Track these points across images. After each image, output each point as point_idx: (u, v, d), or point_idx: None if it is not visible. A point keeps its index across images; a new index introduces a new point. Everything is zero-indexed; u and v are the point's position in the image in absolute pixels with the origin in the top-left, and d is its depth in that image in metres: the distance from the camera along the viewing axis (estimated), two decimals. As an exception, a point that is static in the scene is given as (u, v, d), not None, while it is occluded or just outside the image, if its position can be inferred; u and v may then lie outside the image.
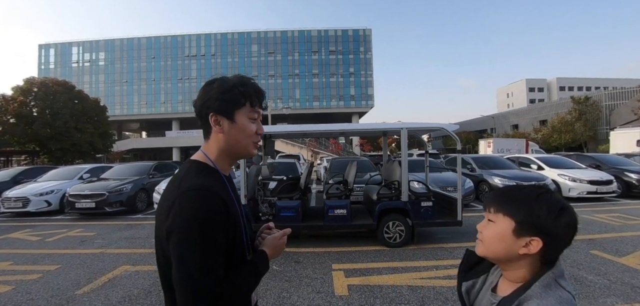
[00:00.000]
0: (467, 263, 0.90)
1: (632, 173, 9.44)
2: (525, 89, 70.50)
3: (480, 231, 0.79)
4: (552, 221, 0.69)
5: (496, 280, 0.82)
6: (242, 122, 0.91)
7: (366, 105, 58.36)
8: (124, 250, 5.12)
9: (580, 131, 33.40)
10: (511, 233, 0.72)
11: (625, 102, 33.88)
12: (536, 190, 0.74)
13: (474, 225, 3.95)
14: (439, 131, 5.64)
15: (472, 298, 0.86)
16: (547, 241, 0.69)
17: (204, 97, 0.89)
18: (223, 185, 0.89)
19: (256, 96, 0.93)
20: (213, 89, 0.88)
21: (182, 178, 0.85)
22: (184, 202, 0.77)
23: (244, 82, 0.91)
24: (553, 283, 0.69)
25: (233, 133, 0.90)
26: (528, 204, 0.72)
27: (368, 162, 10.88)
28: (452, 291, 3.31)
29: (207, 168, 0.90)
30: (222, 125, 0.89)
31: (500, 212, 0.75)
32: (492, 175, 9.06)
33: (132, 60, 55.83)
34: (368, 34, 58.26)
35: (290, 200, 5.16)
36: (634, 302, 3.02)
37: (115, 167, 11.08)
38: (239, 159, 1.01)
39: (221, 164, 0.93)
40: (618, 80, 61.29)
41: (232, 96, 0.88)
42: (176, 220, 0.76)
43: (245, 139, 0.93)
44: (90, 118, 29.07)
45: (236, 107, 0.89)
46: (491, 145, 21.28)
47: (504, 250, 0.73)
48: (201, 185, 0.80)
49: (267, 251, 0.98)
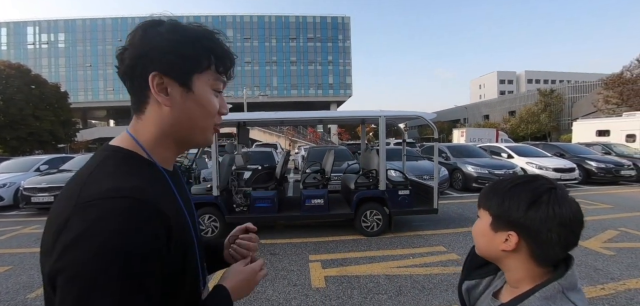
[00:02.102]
0: (472, 262, 0.82)
1: (592, 162, 10.05)
2: (497, 81, 73.50)
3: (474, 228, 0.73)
4: (523, 213, 0.61)
5: (500, 285, 0.74)
6: (203, 92, 0.60)
7: (344, 94, 58.49)
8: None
9: (545, 122, 35.32)
10: (489, 227, 0.66)
11: (586, 94, 36.14)
12: (516, 179, 0.66)
13: (449, 212, 3.99)
14: (416, 120, 5.64)
15: (472, 298, 0.78)
16: (523, 236, 0.61)
17: (144, 45, 0.56)
18: (164, 186, 0.58)
19: (226, 58, 0.63)
20: (160, 35, 0.56)
21: (86, 178, 0.51)
22: (86, 221, 0.45)
23: (209, 36, 0.60)
24: (559, 295, 0.59)
25: (187, 109, 0.59)
26: (501, 196, 0.65)
27: (346, 150, 10.85)
28: (428, 279, 3.32)
29: (136, 159, 0.58)
30: (171, 94, 0.57)
31: (482, 207, 0.70)
32: (466, 164, 9.31)
33: (96, 43, 52.05)
34: (347, 21, 58.01)
35: (265, 190, 4.98)
36: (597, 284, 3.15)
37: (78, 157, 10.32)
38: (189, 148, 0.68)
39: (160, 154, 0.61)
40: (581, 74, 65.28)
41: (193, 51, 0.58)
42: (70, 254, 0.44)
43: (205, 119, 0.62)
44: (49, 105, 26.90)
45: (196, 69, 0.58)
46: (464, 135, 21.97)
47: (485, 245, 0.69)
48: (122, 188, 0.49)
49: (229, 288, 0.65)
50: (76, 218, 0.46)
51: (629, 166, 9.96)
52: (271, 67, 57.31)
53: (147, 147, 0.59)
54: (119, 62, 0.58)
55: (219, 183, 4.67)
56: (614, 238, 4.49)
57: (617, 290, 3.00)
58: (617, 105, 24.64)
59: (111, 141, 0.61)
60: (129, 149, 0.58)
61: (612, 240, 4.44)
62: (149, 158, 0.59)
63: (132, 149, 0.58)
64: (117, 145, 0.58)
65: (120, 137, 0.60)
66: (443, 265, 3.68)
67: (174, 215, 0.54)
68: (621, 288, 3.04)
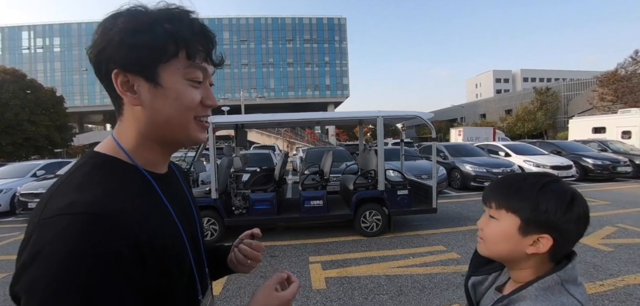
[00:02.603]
0: (478, 258, 0.81)
1: (589, 159, 10.11)
2: (492, 80, 73.85)
3: (481, 229, 0.70)
4: (562, 215, 0.59)
5: (505, 279, 0.74)
6: (172, 85, 0.52)
7: (341, 95, 58.58)
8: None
9: (541, 120, 35.51)
10: (516, 231, 0.63)
11: (581, 92, 36.38)
12: (541, 179, 0.65)
13: (448, 211, 3.98)
14: (414, 119, 5.65)
15: (478, 294, 0.79)
16: (557, 238, 0.60)
17: (102, 41, 0.50)
18: (144, 194, 0.53)
19: (199, 40, 0.53)
20: (116, 26, 0.49)
21: (55, 189, 0.48)
22: (41, 241, 0.41)
23: (171, 17, 0.51)
24: (557, 287, 0.60)
25: (159, 106, 0.52)
26: (534, 197, 0.62)
27: (344, 151, 10.85)
28: (428, 279, 3.32)
29: (114, 164, 0.52)
30: (139, 92, 0.51)
31: (503, 208, 0.65)
32: (464, 163, 9.33)
33: (92, 47, 51.97)
34: (343, 23, 58.12)
35: (264, 192, 4.97)
36: (596, 280, 3.17)
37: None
38: (176, 148, 0.61)
39: (145, 157, 0.56)
40: (575, 72, 65.67)
41: (151, 39, 0.49)
42: (28, 276, 0.40)
43: (181, 114, 0.54)
44: (45, 110, 26.74)
45: (159, 58, 0.50)
46: (461, 134, 22.04)
47: (508, 250, 0.65)
48: (79, 203, 0.43)
49: None
50: (35, 236, 0.42)
51: (625, 162, 10.03)
52: (268, 68, 57.30)
53: (130, 150, 0.54)
54: (90, 61, 0.53)
55: (218, 186, 4.65)
56: (612, 235, 4.51)
57: (616, 286, 3.02)
58: (612, 102, 24.83)
59: (97, 147, 0.56)
60: (109, 154, 0.53)
61: (610, 236, 4.46)
62: (133, 163, 0.54)
63: (113, 154, 0.53)
64: (97, 151, 0.54)
65: (104, 142, 0.56)
66: (443, 265, 3.68)
67: (149, 226, 0.48)
68: (620, 284, 3.05)
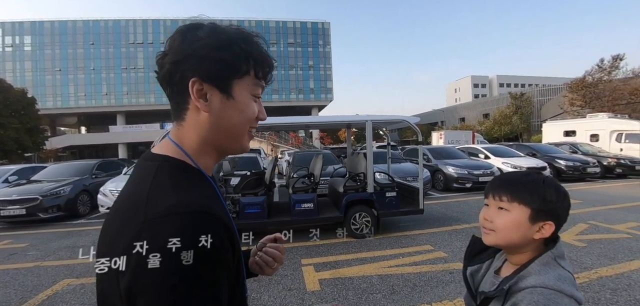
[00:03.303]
0: (472, 249, 0.93)
1: (561, 160, 10.72)
2: (471, 85, 76.60)
3: (490, 221, 0.79)
4: (561, 203, 0.75)
5: (500, 264, 0.85)
6: (242, 98, 0.59)
7: (325, 99, 58.81)
8: (64, 261, 4.53)
9: (516, 123, 37.12)
10: (527, 220, 0.74)
11: (553, 97, 38.31)
12: (539, 176, 0.78)
13: (433, 212, 4.16)
14: (400, 123, 5.82)
15: (477, 281, 0.89)
16: (556, 223, 0.74)
17: (183, 50, 0.54)
18: (216, 196, 0.58)
19: (265, 64, 0.61)
20: (199, 40, 0.55)
21: (149, 189, 0.51)
22: (162, 237, 0.45)
23: (248, 39, 0.58)
24: (552, 262, 0.73)
25: (227, 115, 0.58)
26: (541, 191, 0.75)
27: (331, 154, 10.96)
28: (418, 277, 3.44)
29: (187, 169, 0.57)
30: (210, 101, 0.56)
31: (516, 201, 0.76)
32: (446, 165, 9.65)
33: (66, 46, 49.38)
34: (327, 27, 58.50)
35: (255, 196, 4.97)
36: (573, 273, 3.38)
37: (50, 167, 9.80)
38: (227, 155, 0.67)
39: (204, 161, 0.61)
40: (547, 78, 69.22)
41: (231, 56, 0.56)
42: (148, 274, 0.43)
43: (243, 125, 0.61)
44: (15, 112, 25.33)
45: (236, 74, 0.57)
46: (443, 137, 22.75)
47: (520, 236, 0.75)
48: (189, 203, 0.49)
49: None
50: (148, 234, 0.45)
51: (594, 164, 10.69)
52: (252, 71, 56.73)
53: (192, 154, 0.59)
54: (158, 67, 0.57)
55: (208, 190, 4.61)
56: (585, 231, 4.82)
57: (590, 279, 3.25)
58: (581, 106, 26.30)
59: (153, 149, 0.60)
60: (177, 158, 0.57)
61: (583, 232, 4.77)
62: (197, 167, 0.59)
63: (179, 158, 0.57)
64: (165, 154, 0.57)
65: (163, 145, 0.60)
66: (431, 263, 3.82)
67: (230, 223, 0.54)
68: (594, 277, 3.29)
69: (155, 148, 0.60)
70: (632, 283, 3.12)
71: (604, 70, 26.00)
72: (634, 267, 3.48)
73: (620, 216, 5.65)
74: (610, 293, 2.95)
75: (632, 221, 5.28)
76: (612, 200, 7.10)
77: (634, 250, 4.00)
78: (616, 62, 25.48)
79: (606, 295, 2.92)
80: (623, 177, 11.00)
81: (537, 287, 0.68)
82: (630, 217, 5.57)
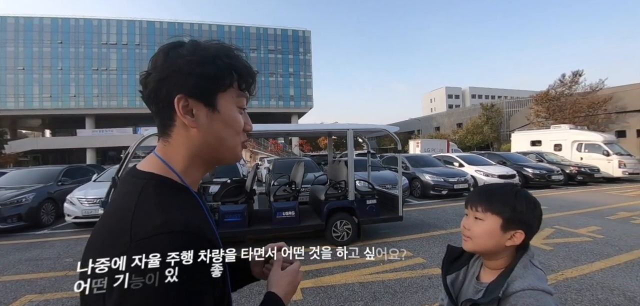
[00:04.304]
0: (449, 258, 0.98)
1: (529, 169, 11.38)
2: (445, 96, 79.66)
3: (468, 229, 0.86)
4: (531, 214, 0.82)
5: (478, 269, 0.91)
6: (228, 111, 0.61)
7: (305, 106, 58.98)
8: (26, 275, 4.21)
9: (487, 133, 38.93)
10: (499, 228, 0.81)
11: (520, 109, 40.58)
12: (512, 188, 0.85)
13: (412, 219, 4.29)
14: (380, 132, 5.96)
15: (456, 288, 0.94)
16: (527, 232, 0.81)
17: (166, 68, 0.56)
18: (200, 212, 0.59)
19: (247, 75, 0.63)
20: (182, 56, 0.56)
21: (134, 208, 0.51)
22: (147, 257, 0.47)
23: (229, 53, 0.60)
24: (529, 264, 0.81)
25: (215, 129, 0.60)
26: (512, 202, 0.81)
27: (311, 162, 10.97)
28: (399, 283, 3.50)
29: (173, 186, 0.58)
30: (196, 116, 0.58)
31: (489, 211, 0.83)
32: (424, 173, 9.94)
33: (31, 44, 46.28)
34: (307, 35, 58.96)
35: (235, 204, 4.88)
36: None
37: (10, 172, 9.14)
38: (218, 165, 0.69)
39: (192, 176, 0.62)
40: (515, 90, 73.37)
41: (214, 71, 0.58)
42: (135, 294, 0.45)
43: (232, 137, 0.62)
44: (-31, 113, 23.46)
45: (219, 88, 0.59)
46: (419, 145, 23.40)
47: (494, 243, 0.82)
48: (175, 222, 0.50)
49: (282, 295, 0.68)
50: (134, 254, 0.46)
51: (558, 172, 11.42)
52: (231, 77, 55.94)
53: (180, 170, 0.60)
54: (143, 86, 0.59)
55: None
56: (551, 235, 5.13)
57: (557, 280, 3.45)
58: (545, 118, 28.01)
59: (138, 165, 0.61)
60: (162, 175, 0.58)
61: (549, 237, 5.06)
62: (183, 184, 0.60)
63: (165, 174, 0.58)
64: (150, 171, 0.58)
65: (149, 161, 0.61)
66: (411, 269, 3.91)
67: (215, 240, 0.56)
68: (561, 278, 3.50)
69: (141, 165, 0.61)
70: (594, 284, 3.35)
71: (565, 84, 27.92)
72: (596, 268, 3.74)
73: (582, 220, 6.06)
74: (575, 293, 3.15)
75: (592, 225, 5.68)
76: (575, 205, 7.60)
77: (595, 252, 4.30)
78: (576, 78, 27.43)
79: (572, 295, 3.11)
80: (583, 184, 11.84)
81: (526, 290, 0.75)
82: (591, 221, 5.99)
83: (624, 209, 7.09)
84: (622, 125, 23.99)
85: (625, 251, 4.35)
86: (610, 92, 24.64)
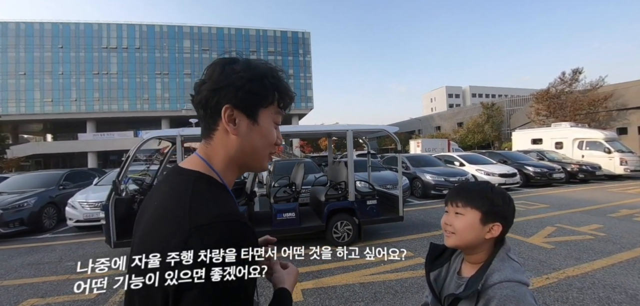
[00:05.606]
0: (431, 255, 1.02)
1: (530, 167, 11.34)
2: (445, 95, 79.56)
3: (450, 224, 0.90)
4: (507, 208, 0.87)
5: (459, 265, 0.95)
6: (266, 125, 0.68)
7: (306, 107, 59.01)
8: (28, 279, 4.22)
9: (488, 132, 38.86)
10: (479, 221, 0.85)
11: (521, 107, 40.52)
12: (488, 185, 0.91)
13: (412, 219, 4.28)
14: (380, 132, 5.95)
15: (439, 284, 0.97)
16: (504, 224, 0.85)
17: (221, 80, 0.63)
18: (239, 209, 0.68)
19: (286, 96, 0.71)
20: (236, 72, 0.63)
21: (189, 202, 0.56)
22: (207, 242, 0.52)
23: (274, 73, 0.69)
24: (506, 257, 0.85)
25: (252, 138, 0.67)
26: (489, 197, 0.86)
27: (312, 163, 10.98)
28: (400, 283, 3.50)
29: (216, 184, 0.65)
30: (238, 125, 0.65)
31: (469, 206, 0.87)
32: (424, 172, 9.93)
33: (32, 49, 46.42)
34: (307, 37, 59.03)
35: (235, 205, 4.88)
36: (542, 274, 3.58)
37: (12, 177, 9.17)
38: (248, 171, 0.78)
39: (228, 177, 0.68)
40: (515, 89, 73.22)
41: (261, 88, 0.65)
42: (196, 273, 0.51)
43: (265, 148, 0.70)
44: (-29, 119, 23.56)
45: (263, 103, 0.67)
46: (420, 145, 23.37)
47: (474, 237, 0.87)
48: (231, 212, 0.58)
49: (290, 290, 0.75)
50: (196, 239, 0.52)
51: (559, 170, 11.39)
52: (231, 79, 56.02)
53: (219, 171, 0.67)
54: (196, 92, 0.66)
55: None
56: (552, 234, 5.11)
57: (559, 279, 3.44)
58: (546, 116, 27.96)
59: (182, 164, 0.68)
60: (206, 174, 0.65)
61: (551, 235, 5.05)
62: (222, 182, 0.66)
63: (207, 173, 0.65)
64: (196, 170, 0.65)
65: (192, 160, 0.68)
66: (412, 269, 3.90)
67: None
68: (562, 277, 3.49)
69: (184, 163, 0.68)
70: (596, 282, 3.34)
71: (565, 82, 27.85)
72: (598, 267, 3.73)
73: (584, 219, 6.04)
74: (577, 292, 3.14)
75: (594, 223, 5.66)
76: (576, 203, 7.58)
77: (597, 250, 4.29)
78: (576, 75, 27.34)
79: (574, 294, 3.10)
80: (585, 182, 11.80)
81: (504, 282, 0.79)
82: (592, 219, 5.97)
83: (625, 207, 7.06)
84: (624, 122, 23.96)
85: (627, 249, 4.33)
86: (611, 89, 24.60)
